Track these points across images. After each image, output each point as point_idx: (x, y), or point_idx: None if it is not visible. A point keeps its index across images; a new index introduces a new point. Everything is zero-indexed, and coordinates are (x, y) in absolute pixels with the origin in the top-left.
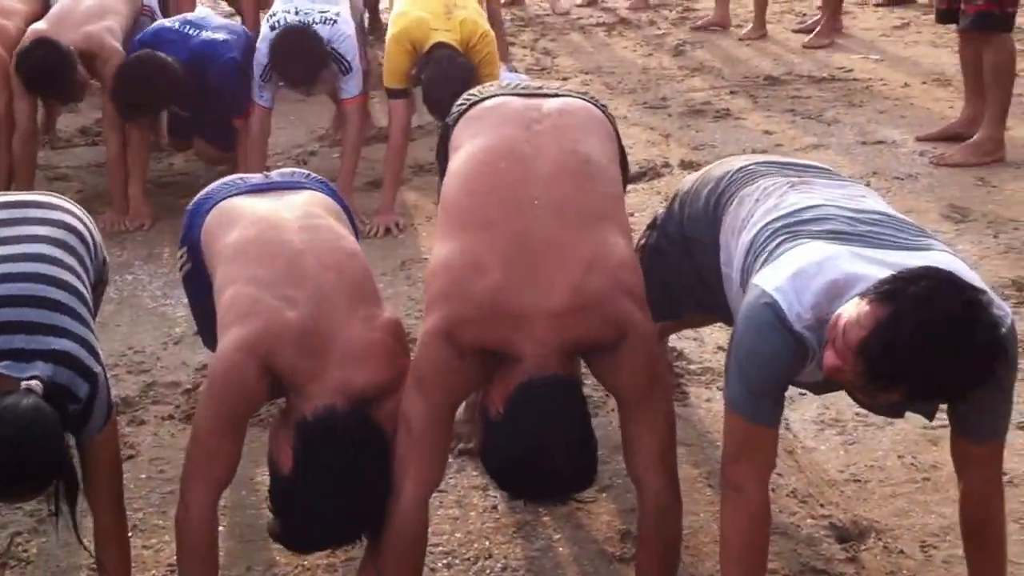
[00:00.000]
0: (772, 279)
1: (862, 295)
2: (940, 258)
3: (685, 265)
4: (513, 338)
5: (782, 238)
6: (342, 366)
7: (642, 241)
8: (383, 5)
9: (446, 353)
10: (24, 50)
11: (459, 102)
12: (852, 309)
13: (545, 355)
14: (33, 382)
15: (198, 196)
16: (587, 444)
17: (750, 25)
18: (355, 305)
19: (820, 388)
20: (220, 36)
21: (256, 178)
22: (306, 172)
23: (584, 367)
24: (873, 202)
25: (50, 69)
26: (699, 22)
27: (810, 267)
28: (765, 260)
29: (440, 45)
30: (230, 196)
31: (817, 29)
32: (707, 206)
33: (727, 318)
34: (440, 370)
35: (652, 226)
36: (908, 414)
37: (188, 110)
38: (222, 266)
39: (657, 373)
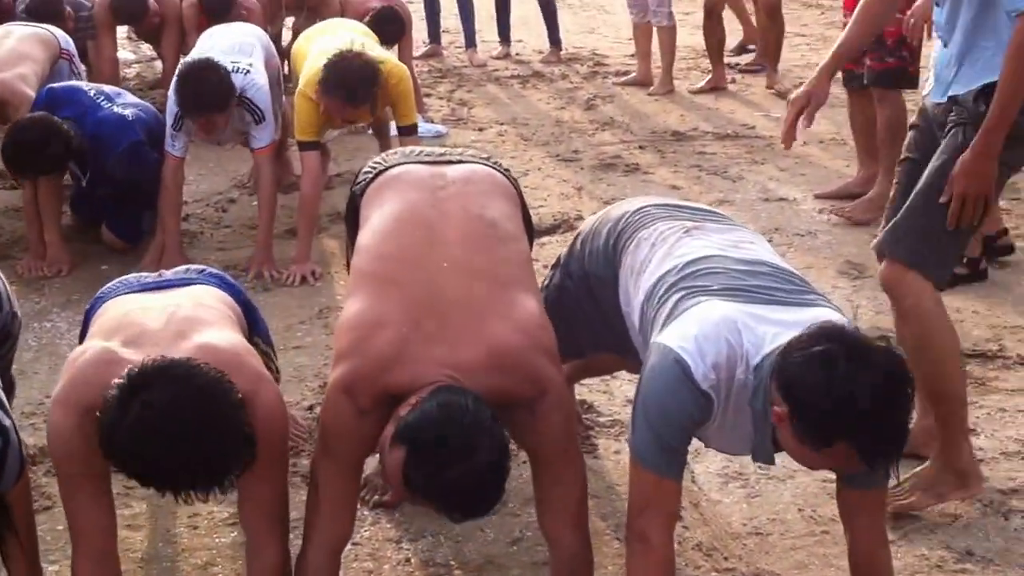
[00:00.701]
0: (677, 338)
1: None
2: (826, 314)
3: (587, 303)
4: (416, 375)
5: (680, 295)
6: None
7: (546, 282)
8: None
9: (347, 408)
10: None
11: (365, 170)
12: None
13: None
14: None
15: (97, 293)
16: (507, 449)
17: (657, 81)
18: None
19: (729, 448)
20: (128, 112)
21: (150, 277)
22: (201, 268)
23: None
24: (760, 249)
25: None
26: (623, 78)
27: (710, 329)
28: (667, 317)
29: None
30: (121, 294)
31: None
32: (607, 244)
33: (629, 360)
34: (342, 425)
35: (555, 266)
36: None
37: (91, 184)
38: None
39: (572, 431)
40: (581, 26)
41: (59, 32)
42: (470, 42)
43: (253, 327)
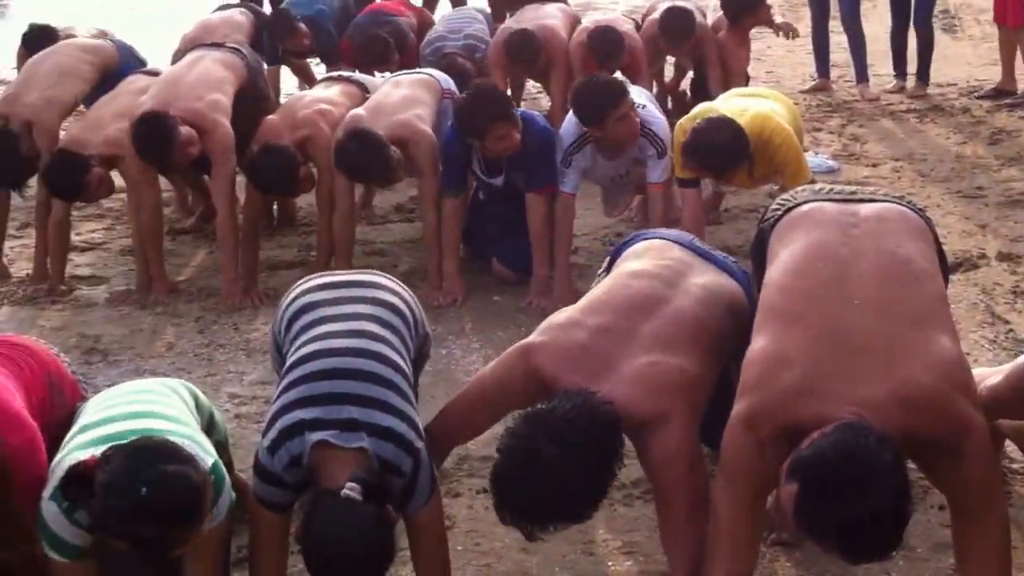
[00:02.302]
0: None
1: None
2: None
3: None
4: (821, 411)
5: None
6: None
7: None
8: None
9: (747, 441)
10: (339, 144)
11: (773, 206)
12: None
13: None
14: (351, 487)
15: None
16: (907, 493)
17: None
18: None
19: None
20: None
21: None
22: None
23: None
24: None
25: (363, 160)
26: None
27: None
28: None
29: None
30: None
31: None
32: None
33: None
34: (742, 458)
35: None
36: None
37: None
38: None
39: (995, 476)
40: (983, 58)
41: (439, 74)
42: (862, 76)
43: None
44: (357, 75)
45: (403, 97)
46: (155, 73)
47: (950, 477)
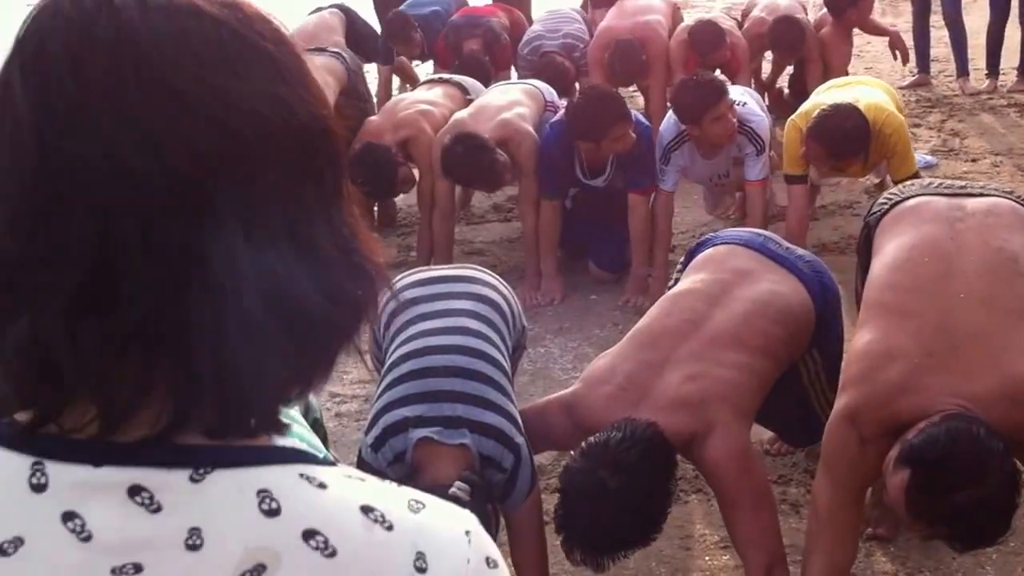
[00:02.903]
0: None
1: None
2: None
3: None
4: (926, 404)
5: None
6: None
7: None
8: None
9: (849, 436)
10: (445, 148)
11: (880, 200)
12: None
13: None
14: (460, 487)
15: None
16: (1017, 481)
17: None
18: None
19: None
20: None
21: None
22: (809, 257)
23: None
24: None
25: (470, 164)
26: None
27: None
28: None
29: None
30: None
31: None
32: None
33: None
34: (843, 452)
35: None
36: None
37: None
38: None
39: None
40: None
41: (543, 85)
42: (962, 70)
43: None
44: (458, 77)
45: (507, 100)
46: None
47: None
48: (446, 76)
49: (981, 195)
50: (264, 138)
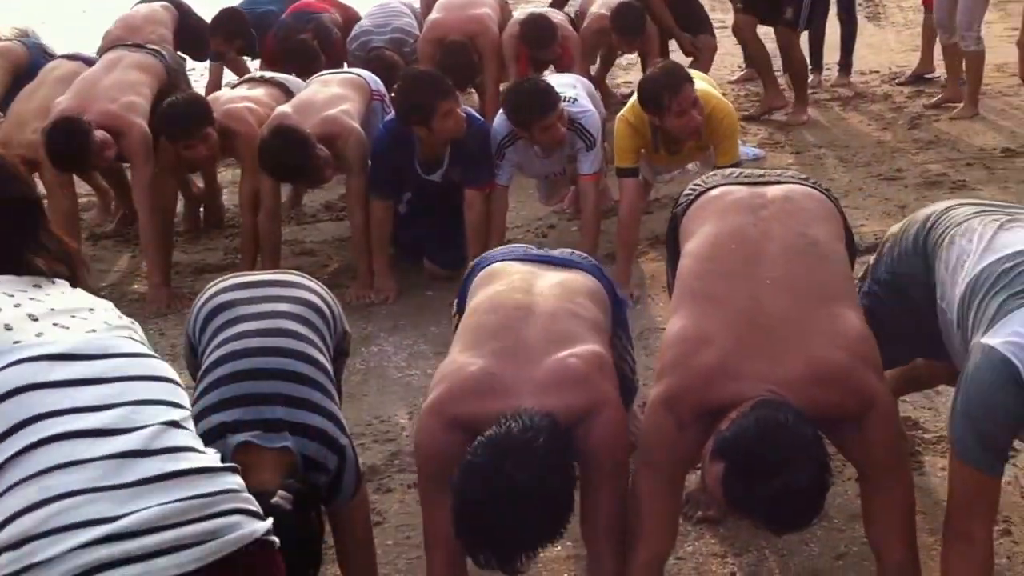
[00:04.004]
0: (1005, 339)
1: None
2: None
3: (897, 306)
4: (738, 390)
5: (1005, 295)
6: (534, 396)
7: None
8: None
9: (666, 422)
10: (263, 142)
11: (685, 192)
12: None
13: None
14: (282, 495)
15: (478, 258)
16: (826, 465)
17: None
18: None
19: None
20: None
21: (533, 249)
22: (582, 255)
23: None
24: None
25: (288, 158)
26: (933, 99)
27: None
28: (993, 317)
29: None
30: (502, 260)
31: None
32: (916, 244)
33: (944, 364)
34: (662, 438)
35: (863, 277)
36: None
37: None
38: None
39: (901, 445)
40: (905, 44)
41: (368, 75)
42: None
43: (616, 321)
44: (279, 76)
45: (331, 95)
46: (75, 57)
47: (858, 448)
48: (268, 75)
49: (779, 182)
50: None
